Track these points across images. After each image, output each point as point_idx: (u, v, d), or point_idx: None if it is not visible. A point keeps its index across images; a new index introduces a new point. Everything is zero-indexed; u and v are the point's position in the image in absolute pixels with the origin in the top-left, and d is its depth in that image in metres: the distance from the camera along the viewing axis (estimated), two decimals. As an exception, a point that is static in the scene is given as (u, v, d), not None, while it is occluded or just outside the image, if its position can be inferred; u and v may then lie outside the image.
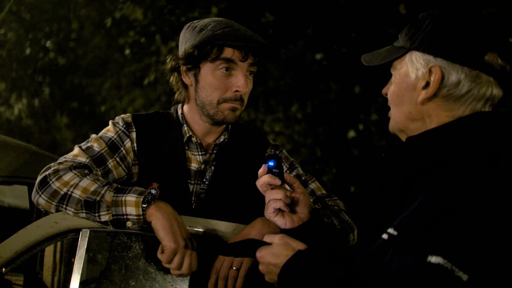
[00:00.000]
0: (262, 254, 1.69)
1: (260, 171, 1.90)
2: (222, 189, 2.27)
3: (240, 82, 2.15)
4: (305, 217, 1.88)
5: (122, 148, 2.22)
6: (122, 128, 2.25)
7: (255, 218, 2.09)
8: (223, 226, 2.10)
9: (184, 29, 2.28)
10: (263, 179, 1.88)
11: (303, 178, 2.32)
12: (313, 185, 2.32)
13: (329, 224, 2.09)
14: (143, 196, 1.97)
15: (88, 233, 2.04)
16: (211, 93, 2.18)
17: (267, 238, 1.72)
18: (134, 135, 2.25)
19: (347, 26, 6.67)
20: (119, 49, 8.26)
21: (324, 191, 2.32)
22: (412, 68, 1.59)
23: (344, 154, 6.61)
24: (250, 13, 6.55)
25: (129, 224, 1.98)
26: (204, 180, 2.28)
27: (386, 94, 1.71)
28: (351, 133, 6.86)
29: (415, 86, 1.58)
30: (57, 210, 2.04)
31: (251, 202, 2.24)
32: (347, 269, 1.53)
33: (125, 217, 1.97)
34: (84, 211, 1.99)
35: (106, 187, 2.00)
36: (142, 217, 1.96)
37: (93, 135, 2.25)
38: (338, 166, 6.61)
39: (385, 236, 1.52)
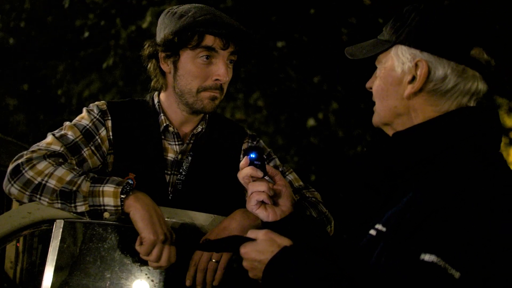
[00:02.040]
0: (246, 250, 1.65)
1: (242, 163, 1.87)
2: (199, 180, 2.24)
3: (221, 70, 2.11)
4: (288, 210, 1.86)
5: (97, 137, 2.15)
6: (97, 116, 2.18)
7: (232, 209, 2.07)
8: (201, 218, 2.07)
9: (162, 15, 2.21)
10: (245, 171, 1.84)
11: (280, 169, 2.30)
12: (291, 176, 2.30)
13: (310, 216, 2.08)
14: (121, 187, 1.91)
15: (63, 223, 1.98)
16: (190, 81, 2.13)
17: (251, 234, 1.67)
18: (109, 123, 2.18)
19: (309, 14, 6.66)
20: (76, 31, 8.03)
21: (301, 183, 2.31)
22: (398, 62, 1.58)
23: (305, 143, 6.63)
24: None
25: (106, 215, 1.92)
26: (181, 170, 2.23)
27: (371, 88, 1.70)
28: (311, 122, 6.88)
29: (401, 80, 1.58)
30: (31, 200, 1.96)
31: (228, 193, 2.22)
32: (334, 266, 1.52)
33: (102, 207, 1.91)
34: (59, 201, 1.93)
35: (82, 177, 1.94)
36: (120, 207, 1.90)
37: (67, 123, 2.17)
38: (299, 154, 6.63)
39: (373, 232, 1.51)
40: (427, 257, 1.29)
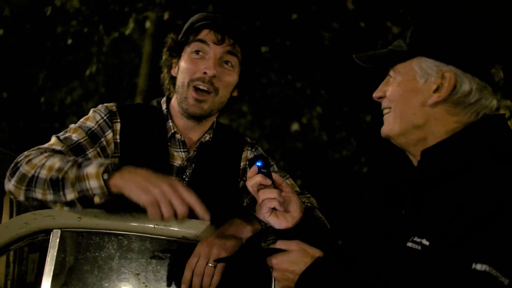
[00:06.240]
0: (278, 261, 1.66)
1: (251, 171, 1.87)
2: (200, 187, 2.21)
3: (209, 63, 2.15)
4: (298, 216, 1.86)
5: (102, 139, 2.13)
6: (105, 117, 2.16)
7: (231, 217, 2.07)
8: (195, 225, 2.06)
9: None
10: (255, 180, 1.85)
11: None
12: (287, 182, 2.30)
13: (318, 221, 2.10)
14: (103, 167, 1.80)
15: (60, 233, 1.96)
16: (184, 76, 2.19)
17: (281, 244, 1.69)
18: (118, 126, 2.17)
19: (292, 19, 6.69)
20: (57, 38, 7.98)
21: (297, 188, 2.32)
22: (422, 73, 1.61)
23: (290, 147, 6.65)
24: (196, 4, 6.48)
25: (96, 199, 1.81)
26: (184, 177, 2.23)
27: (379, 98, 1.71)
28: (295, 126, 6.90)
29: (422, 90, 1.60)
30: (27, 196, 1.89)
31: (228, 200, 2.23)
32: (369, 276, 1.53)
33: (90, 192, 1.80)
34: (50, 191, 1.83)
35: (70, 163, 1.84)
36: (105, 188, 1.78)
37: (72, 125, 2.15)
38: (284, 159, 6.64)
39: (410, 244, 1.52)
40: (479, 266, 1.32)
